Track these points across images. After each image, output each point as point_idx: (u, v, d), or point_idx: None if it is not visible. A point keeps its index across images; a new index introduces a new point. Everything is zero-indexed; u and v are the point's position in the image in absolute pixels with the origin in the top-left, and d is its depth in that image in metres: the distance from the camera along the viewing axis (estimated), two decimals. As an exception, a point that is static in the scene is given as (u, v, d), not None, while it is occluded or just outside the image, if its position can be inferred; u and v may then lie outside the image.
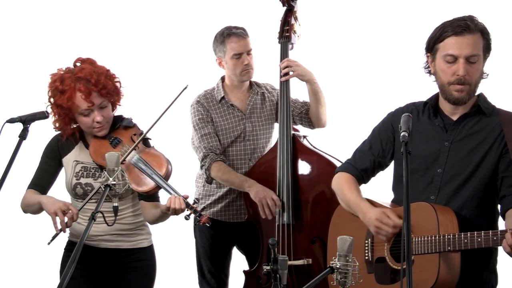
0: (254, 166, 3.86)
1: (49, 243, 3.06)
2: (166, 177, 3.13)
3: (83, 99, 3.10)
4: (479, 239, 2.61)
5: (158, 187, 3.10)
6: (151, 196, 3.18)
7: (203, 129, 3.88)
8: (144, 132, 3.19)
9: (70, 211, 3.04)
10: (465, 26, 2.74)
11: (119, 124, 3.27)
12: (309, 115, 3.91)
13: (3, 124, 2.88)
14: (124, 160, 3.09)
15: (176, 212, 3.05)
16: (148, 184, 3.11)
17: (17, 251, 5.33)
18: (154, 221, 3.22)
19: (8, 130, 2.89)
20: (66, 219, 3.03)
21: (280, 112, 3.80)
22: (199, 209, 3.09)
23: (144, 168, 3.12)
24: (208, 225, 3.16)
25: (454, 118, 2.86)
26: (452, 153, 2.83)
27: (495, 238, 2.59)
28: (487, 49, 2.80)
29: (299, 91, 3.92)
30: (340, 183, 3.07)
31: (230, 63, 3.86)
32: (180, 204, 3.03)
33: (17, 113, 2.97)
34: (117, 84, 3.25)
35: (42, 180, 3.24)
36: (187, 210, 3.06)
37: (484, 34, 2.78)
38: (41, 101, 3.22)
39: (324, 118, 3.91)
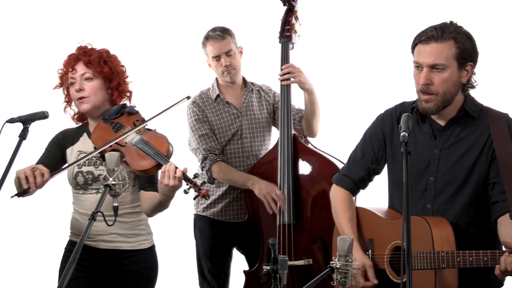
0: (255, 167, 3.86)
1: (11, 197, 3.01)
2: (167, 156, 3.11)
3: (70, 65, 3.24)
4: (471, 259, 2.58)
5: (158, 165, 3.07)
6: (151, 179, 3.17)
7: (200, 130, 3.89)
8: (147, 118, 3.20)
9: (38, 170, 2.99)
10: (431, 34, 2.68)
11: (122, 111, 3.27)
12: (301, 123, 3.92)
13: (3, 124, 2.87)
14: (124, 139, 3.09)
15: (171, 179, 2.97)
16: (148, 162, 3.09)
17: (17, 251, 5.33)
18: (153, 209, 3.16)
19: (8, 130, 2.89)
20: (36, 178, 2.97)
21: (281, 112, 3.79)
22: (199, 183, 3.06)
23: (145, 147, 3.11)
24: (207, 199, 3.18)
25: (442, 123, 2.81)
26: (442, 160, 2.78)
27: (485, 259, 2.57)
28: (461, 57, 2.69)
29: (296, 96, 3.91)
30: (335, 202, 3.07)
31: (212, 65, 3.95)
32: (174, 168, 2.97)
33: (17, 113, 2.96)
34: (115, 65, 3.29)
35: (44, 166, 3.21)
36: (186, 184, 3.04)
37: (458, 42, 2.68)
38: (41, 101, 3.22)
39: (316, 129, 3.92)
